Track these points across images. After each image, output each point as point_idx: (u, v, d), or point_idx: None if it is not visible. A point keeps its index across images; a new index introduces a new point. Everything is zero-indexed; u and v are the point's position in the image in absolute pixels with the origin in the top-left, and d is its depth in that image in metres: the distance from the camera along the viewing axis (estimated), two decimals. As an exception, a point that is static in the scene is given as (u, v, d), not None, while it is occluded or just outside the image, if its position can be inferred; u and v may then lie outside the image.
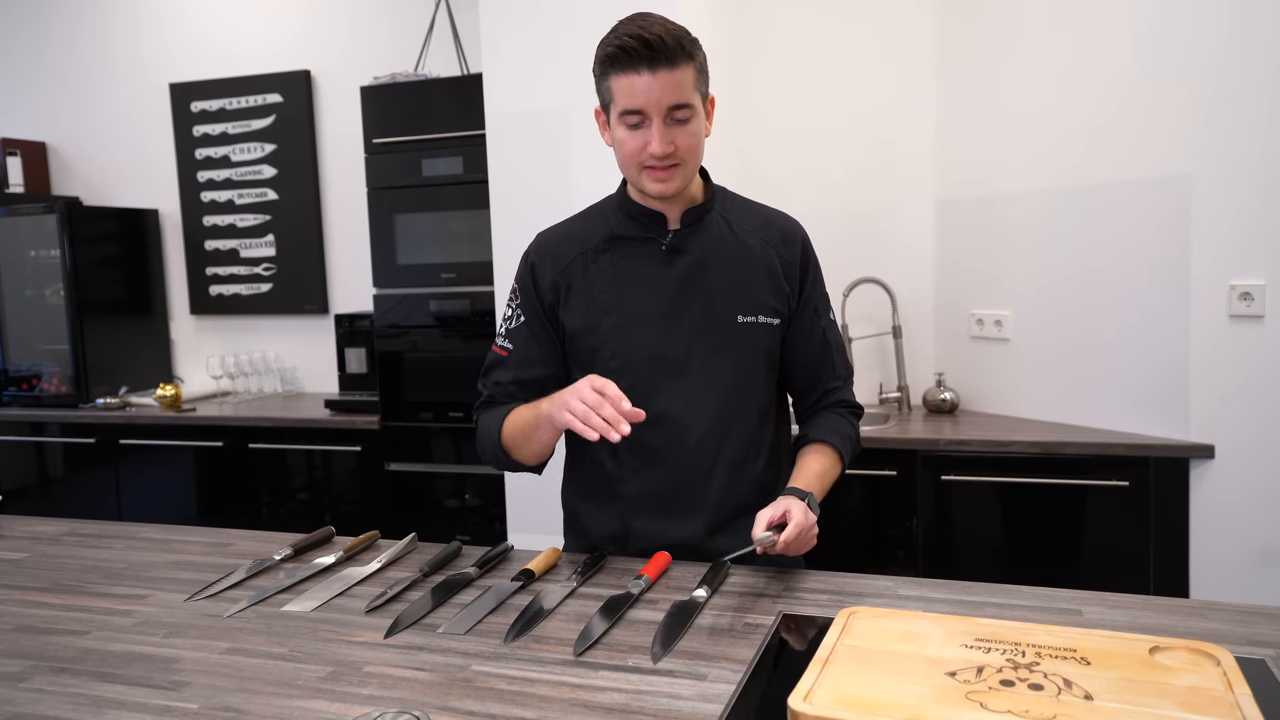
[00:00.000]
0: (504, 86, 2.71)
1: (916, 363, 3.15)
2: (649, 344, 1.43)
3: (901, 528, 2.67)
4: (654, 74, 1.30)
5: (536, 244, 1.53)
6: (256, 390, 3.86)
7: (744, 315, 1.44)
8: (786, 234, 1.50)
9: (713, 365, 1.44)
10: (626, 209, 1.47)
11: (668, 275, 1.44)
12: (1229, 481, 2.36)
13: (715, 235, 1.46)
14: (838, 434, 1.49)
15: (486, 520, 3.15)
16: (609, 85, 1.35)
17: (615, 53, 1.31)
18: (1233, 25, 2.29)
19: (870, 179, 3.15)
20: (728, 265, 1.45)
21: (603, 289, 1.45)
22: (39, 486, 3.84)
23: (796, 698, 0.88)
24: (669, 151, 1.34)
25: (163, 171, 4.12)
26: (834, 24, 3.14)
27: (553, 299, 1.48)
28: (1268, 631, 1.10)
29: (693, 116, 1.35)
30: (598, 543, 1.52)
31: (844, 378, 1.55)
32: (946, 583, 1.31)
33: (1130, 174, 2.50)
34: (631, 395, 1.41)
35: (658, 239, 1.45)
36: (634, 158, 1.37)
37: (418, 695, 1.01)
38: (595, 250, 1.47)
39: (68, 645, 1.18)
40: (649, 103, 1.31)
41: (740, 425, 1.46)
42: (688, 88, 1.33)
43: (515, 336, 1.51)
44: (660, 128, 1.33)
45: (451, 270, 3.15)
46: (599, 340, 1.45)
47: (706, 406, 1.43)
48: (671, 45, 1.30)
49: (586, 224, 1.52)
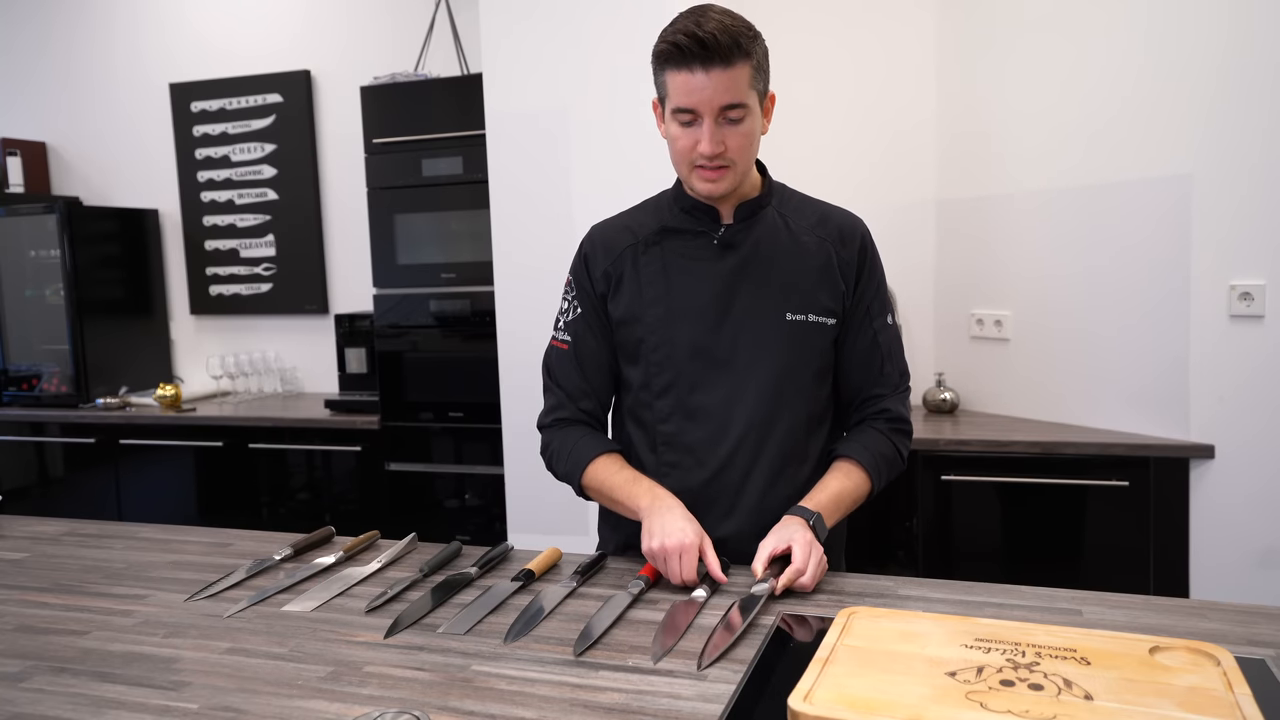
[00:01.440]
0: (504, 86, 2.71)
1: (916, 363, 3.12)
2: (693, 337, 1.41)
3: (901, 528, 2.67)
4: (707, 73, 1.27)
5: (590, 235, 1.51)
6: (256, 390, 3.86)
7: (794, 313, 1.40)
8: (845, 230, 1.45)
9: (758, 362, 1.40)
10: (681, 202, 1.45)
11: (717, 269, 1.41)
12: (1229, 482, 2.36)
13: (769, 231, 1.43)
14: (870, 451, 1.43)
15: (486, 520, 3.15)
16: (664, 80, 1.33)
17: (669, 49, 1.29)
18: (1233, 25, 2.29)
19: (870, 179, 3.15)
20: (780, 262, 1.41)
21: (650, 280, 1.43)
22: (39, 486, 3.84)
23: (796, 698, 0.88)
24: (719, 152, 1.32)
25: (163, 171, 4.12)
26: (833, 25, 3.13)
27: (604, 289, 1.46)
28: (1268, 631, 1.10)
29: (746, 116, 1.32)
30: (631, 538, 1.47)
31: (894, 386, 1.48)
32: (946, 583, 1.31)
33: (1130, 174, 2.50)
34: (673, 388, 1.41)
35: (710, 233, 1.42)
36: (685, 155, 1.35)
37: (418, 695, 1.01)
38: (646, 242, 1.45)
39: (68, 645, 1.18)
40: (701, 102, 1.29)
41: (784, 427, 1.41)
42: (742, 87, 1.29)
43: (573, 329, 1.49)
44: (711, 128, 1.30)
45: (451, 270, 3.15)
46: (644, 331, 1.43)
47: (748, 404, 1.40)
48: (726, 44, 1.26)
49: (641, 215, 1.50)
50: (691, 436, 1.42)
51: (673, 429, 1.43)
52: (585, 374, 1.48)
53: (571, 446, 1.47)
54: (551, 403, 1.52)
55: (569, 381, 1.49)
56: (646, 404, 1.45)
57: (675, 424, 1.42)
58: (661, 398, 1.43)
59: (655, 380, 1.43)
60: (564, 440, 1.49)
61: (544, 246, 2.71)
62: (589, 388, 1.49)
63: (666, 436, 1.42)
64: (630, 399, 1.49)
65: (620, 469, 1.43)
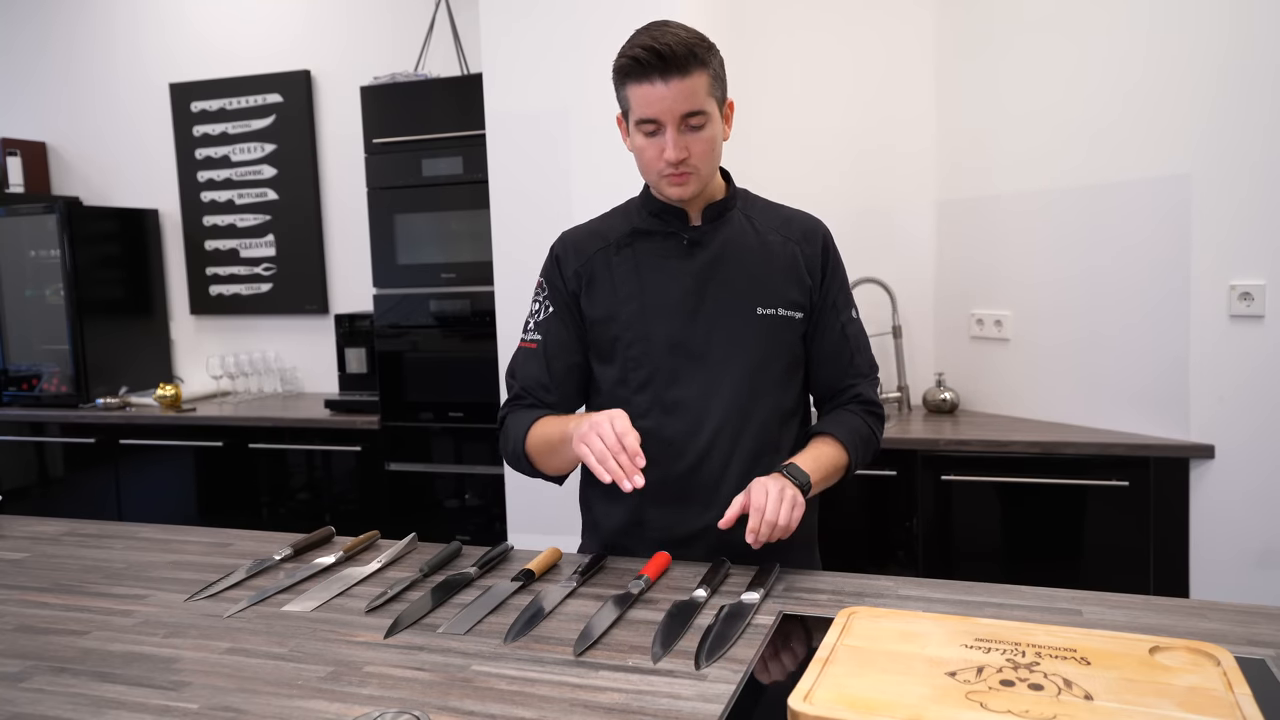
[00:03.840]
0: (504, 86, 2.71)
1: (916, 363, 3.15)
2: (668, 333, 1.45)
3: (901, 528, 2.67)
4: (666, 83, 1.33)
5: (561, 239, 1.56)
6: (256, 390, 3.86)
7: (764, 307, 1.45)
8: (808, 230, 1.52)
9: (731, 356, 1.45)
10: (650, 206, 1.50)
11: (688, 267, 1.46)
12: (1229, 481, 2.36)
13: (736, 231, 1.48)
14: (845, 427, 1.48)
15: (486, 520, 3.15)
16: (625, 95, 1.39)
17: (629, 64, 1.35)
18: (1233, 25, 2.29)
19: (870, 179, 3.15)
20: (748, 259, 1.47)
21: (623, 278, 1.47)
22: (39, 486, 3.84)
23: (796, 698, 0.88)
24: (683, 158, 1.37)
25: (163, 171, 4.12)
26: (833, 24, 3.14)
27: (576, 288, 1.50)
28: (1268, 631, 1.10)
29: (707, 123, 1.37)
30: (609, 538, 1.51)
31: (865, 375, 1.54)
32: (946, 583, 1.31)
33: (1130, 174, 2.50)
34: (650, 383, 1.45)
35: (679, 233, 1.47)
36: (652, 165, 1.40)
37: (418, 695, 1.01)
38: (618, 244, 1.50)
39: (68, 645, 1.18)
40: (662, 111, 1.34)
41: (758, 418, 1.46)
42: (701, 95, 1.35)
43: (543, 327, 1.52)
44: (674, 135, 1.36)
45: (451, 270, 3.15)
46: (619, 329, 1.47)
47: (724, 397, 1.44)
48: (683, 54, 1.32)
49: (610, 220, 1.54)
50: (670, 430, 1.45)
51: (651, 424, 1.44)
52: (551, 369, 1.51)
53: (518, 421, 1.49)
54: (508, 396, 1.55)
55: (530, 377, 1.52)
56: (624, 400, 1.47)
57: (654, 419, 1.45)
58: (640, 393, 1.46)
59: (633, 375, 1.46)
60: (514, 420, 1.51)
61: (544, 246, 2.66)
62: (552, 382, 1.51)
63: (645, 431, 1.42)
64: (604, 398, 1.51)
65: (554, 418, 1.45)
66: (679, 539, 1.46)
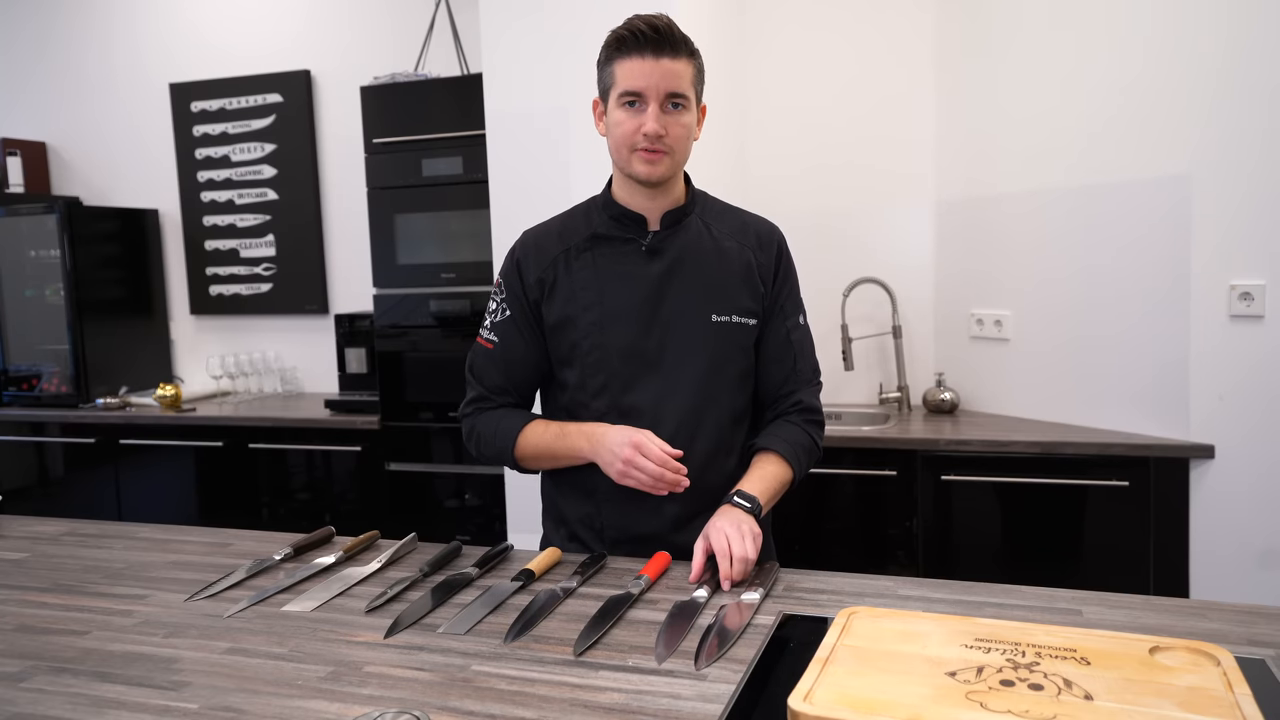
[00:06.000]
0: (504, 86, 2.70)
1: (916, 363, 3.15)
2: (625, 341, 1.48)
3: (901, 528, 2.67)
4: (657, 60, 1.37)
5: (522, 240, 1.57)
6: (256, 390, 3.86)
7: (719, 315, 1.49)
8: (762, 236, 1.55)
9: (686, 362, 1.48)
10: (609, 209, 1.51)
11: (646, 274, 1.48)
12: (1229, 481, 2.36)
13: (694, 237, 1.51)
14: (787, 442, 1.51)
15: (486, 520, 3.15)
16: (612, 70, 1.41)
17: (624, 36, 1.39)
18: (1232, 25, 2.29)
19: (870, 179, 3.15)
20: (705, 266, 1.49)
21: (583, 285, 1.49)
22: (39, 486, 3.84)
23: (796, 698, 0.88)
24: (661, 134, 1.39)
25: (163, 171, 4.12)
26: (833, 24, 3.14)
27: (537, 295, 1.52)
28: (1268, 631, 1.10)
29: (687, 109, 1.42)
30: (575, 528, 1.55)
31: (808, 381, 1.57)
32: (946, 583, 1.31)
33: (1130, 174, 2.50)
34: (606, 389, 1.49)
35: (638, 239, 1.49)
36: (628, 139, 1.41)
37: (418, 695, 1.01)
38: (578, 248, 1.51)
39: (68, 645, 1.18)
40: (649, 85, 1.38)
41: (712, 421, 1.49)
42: (686, 80, 1.40)
43: (500, 330, 1.55)
44: (656, 110, 1.39)
45: (451, 270, 3.15)
46: (578, 336, 1.49)
47: (678, 401, 1.48)
48: (678, 37, 1.38)
49: (571, 222, 1.56)
50: None
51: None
52: (508, 374, 1.55)
53: (495, 426, 1.54)
54: (470, 395, 1.59)
55: (489, 379, 1.56)
56: (583, 404, 1.51)
57: (611, 422, 1.47)
58: (597, 398, 1.50)
59: (590, 381, 1.50)
60: (486, 422, 1.56)
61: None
62: (509, 385, 1.56)
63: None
64: (566, 398, 1.54)
65: (547, 427, 1.52)
66: (635, 538, 1.49)
